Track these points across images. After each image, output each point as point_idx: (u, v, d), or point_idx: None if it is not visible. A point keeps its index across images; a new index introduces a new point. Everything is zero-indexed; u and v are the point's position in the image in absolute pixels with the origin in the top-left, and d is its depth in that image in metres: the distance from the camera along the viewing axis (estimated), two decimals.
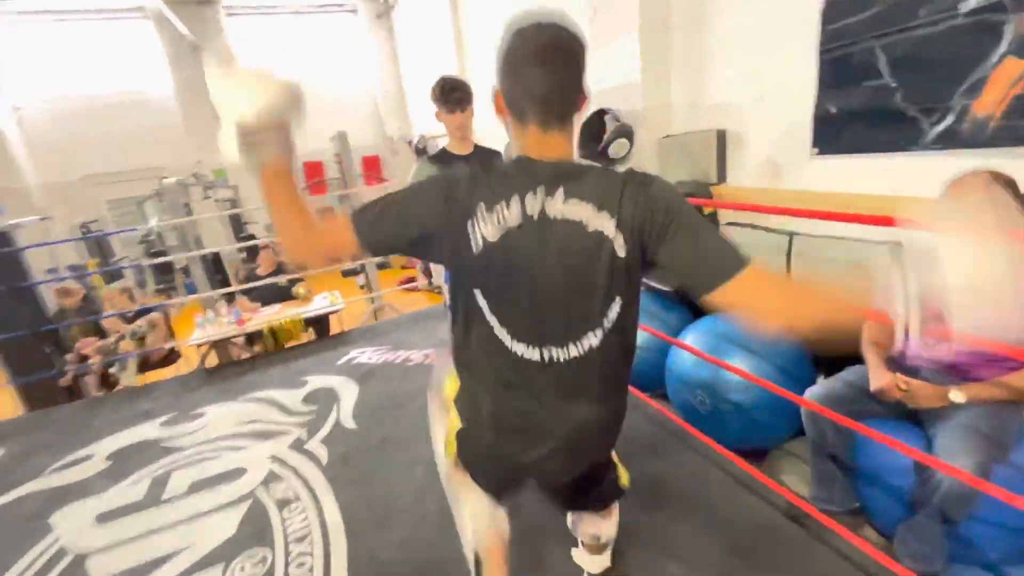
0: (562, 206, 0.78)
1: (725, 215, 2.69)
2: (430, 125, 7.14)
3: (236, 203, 7.06)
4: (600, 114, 3.02)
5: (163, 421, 2.87)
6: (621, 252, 0.78)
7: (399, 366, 3.19)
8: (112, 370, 3.63)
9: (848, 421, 1.38)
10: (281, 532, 1.89)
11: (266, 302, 4.06)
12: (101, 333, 3.68)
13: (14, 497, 2.35)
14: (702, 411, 2.09)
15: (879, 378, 1.53)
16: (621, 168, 0.84)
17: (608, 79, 3.01)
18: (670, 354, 2.36)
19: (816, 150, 2.12)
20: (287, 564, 1.74)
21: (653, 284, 2.70)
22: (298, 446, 2.45)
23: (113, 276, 5.40)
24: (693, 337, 2.22)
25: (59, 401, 3.55)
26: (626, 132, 2.90)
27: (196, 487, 2.24)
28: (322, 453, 2.37)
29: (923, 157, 1.77)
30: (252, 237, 6.33)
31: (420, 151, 7.71)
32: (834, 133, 2.05)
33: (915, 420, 1.54)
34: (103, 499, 2.24)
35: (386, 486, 2.08)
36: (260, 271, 4.16)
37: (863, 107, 1.91)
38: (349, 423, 2.61)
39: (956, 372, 1.48)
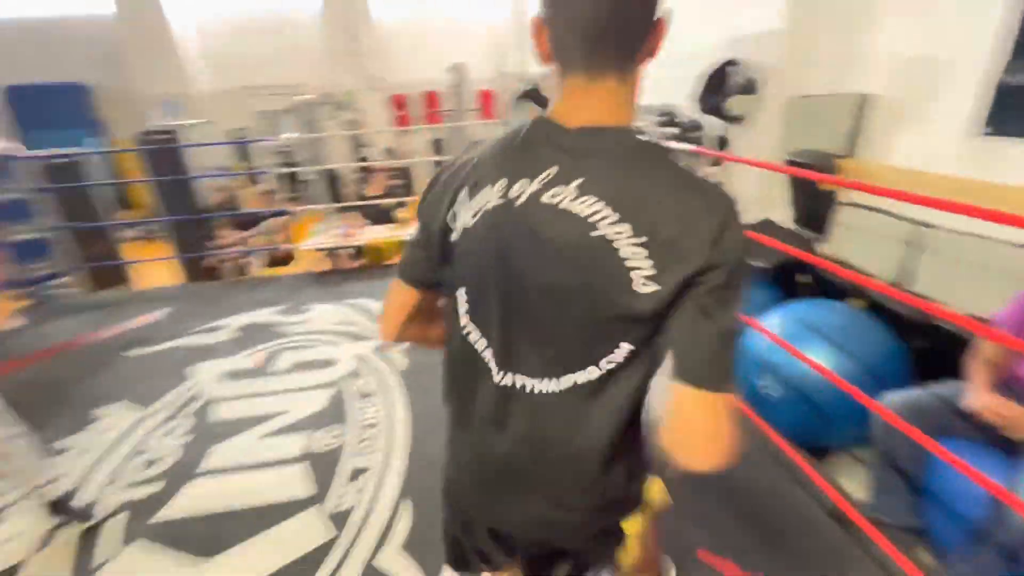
0: (572, 197, 0.56)
1: (849, 194, 2.38)
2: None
3: (357, 126, 7.56)
4: (725, 65, 2.75)
5: (278, 310, 3.36)
6: (642, 287, 0.54)
7: None
8: (245, 260, 4.27)
9: (924, 437, 1.27)
10: (355, 417, 2.21)
11: (374, 221, 4.43)
12: (241, 227, 4.30)
13: (168, 347, 2.95)
14: (768, 398, 2.00)
15: (978, 398, 1.36)
16: (694, 167, 0.59)
17: (743, 25, 2.70)
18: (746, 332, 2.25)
19: (989, 129, 1.78)
20: (358, 439, 2.05)
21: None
22: (382, 351, 2.76)
23: (253, 180, 6.21)
24: (775, 318, 2.08)
25: (205, 278, 4.29)
26: (749, 88, 2.63)
27: (296, 367, 2.65)
28: (401, 361, 2.66)
29: None
30: (366, 159, 6.82)
31: (525, 95, 7.56)
32: (1018, 111, 1.69)
33: (1004, 448, 1.36)
34: (229, 361, 2.75)
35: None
36: (370, 191, 4.52)
37: None
38: None
39: None
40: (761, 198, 2.76)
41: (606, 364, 0.60)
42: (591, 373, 0.61)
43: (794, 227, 2.63)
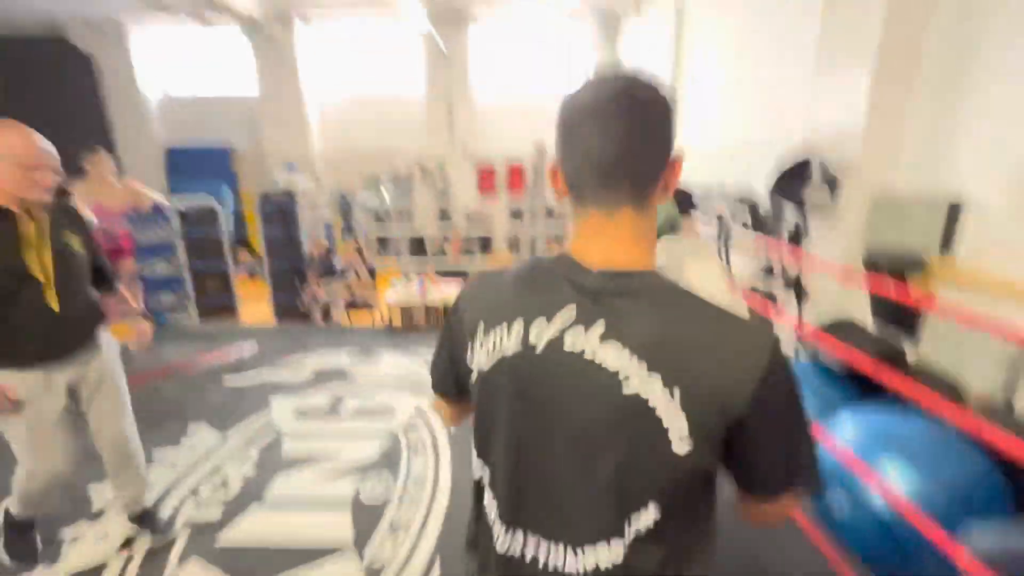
0: (595, 345, 0.53)
1: (942, 295, 2.21)
2: None
3: (446, 192, 8.24)
4: (805, 163, 2.75)
5: (352, 357, 3.62)
6: (677, 446, 0.51)
7: None
8: (329, 307, 4.68)
9: None
10: (405, 470, 2.29)
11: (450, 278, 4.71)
12: (330, 277, 4.77)
13: (255, 379, 3.27)
14: (836, 514, 1.82)
15: None
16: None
17: (824, 121, 2.71)
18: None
19: None
20: (402, 493, 2.11)
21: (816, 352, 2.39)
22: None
23: (350, 236, 6.93)
24: (848, 424, 1.92)
25: (295, 320, 4.74)
26: (831, 180, 2.59)
27: (359, 413, 2.82)
28: None
29: None
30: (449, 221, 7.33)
31: None
32: None
33: None
34: (302, 398, 2.98)
35: None
36: (449, 249, 4.84)
37: None
38: None
39: None
40: (842, 295, 2.62)
41: (631, 531, 0.54)
42: (615, 552, 0.55)
43: (878, 328, 2.46)
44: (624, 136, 0.54)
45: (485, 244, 9.27)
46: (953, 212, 2.11)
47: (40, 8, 7.77)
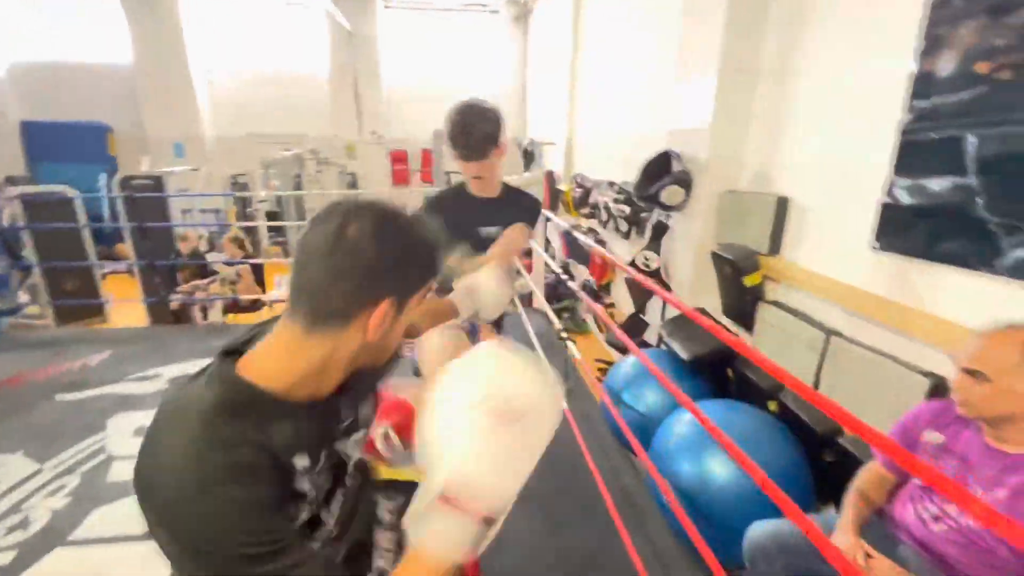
0: None
1: (773, 292, 2.36)
2: (545, 131, 7.23)
3: (355, 184, 7.88)
4: (667, 156, 2.83)
5: None
6: None
7: None
8: (207, 307, 4.32)
9: None
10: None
11: None
12: (203, 274, 4.38)
13: (96, 393, 2.94)
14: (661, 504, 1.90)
15: (841, 538, 1.27)
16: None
17: (683, 120, 2.79)
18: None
19: (877, 244, 1.77)
20: None
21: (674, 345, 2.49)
22: None
23: (248, 231, 6.44)
24: (685, 416, 2.02)
25: (168, 322, 4.33)
26: (684, 180, 2.68)
27: None
28: None
29: (994, 282, 1.39)
30: None
31: (527, 154, 7.85)
32: (899, 228, 1.69)
33: None
34: (148, 415, 2.71)
35: None
36: None
37: (936, 204, 1.55)
38: None
39: (944, 566, 1.18)
40: (694, 284, 2.75)
41: None
42: None
43: (724, 320, 2.60)
44: (317, 267, 0.58)
45: None
46: (781, 210, 2.25)
47: None
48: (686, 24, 2.75)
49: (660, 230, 2.97)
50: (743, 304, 2.42)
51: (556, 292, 5.19)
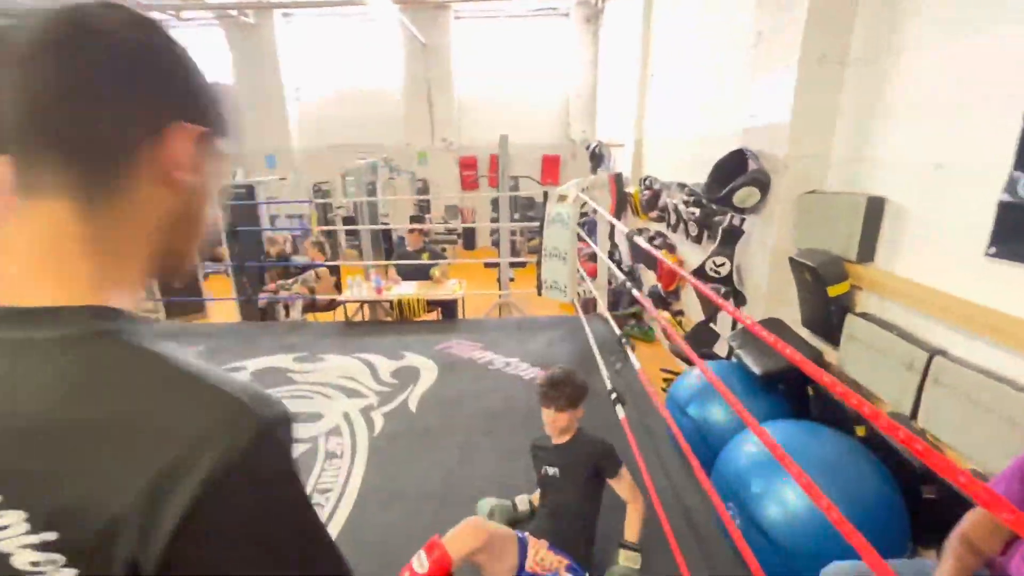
0: None
1: (863, 303, 2.12)
2: (614, 133, 7.08)
3: (425, 189, 8.18)
4: (741, 155, 2.65)
5: (297, 356, 3.60)
6: None
7: (479, 366, 3.38)
8: (288, 305, 4.66)
9: None
10: (315, 479, 2.26)
11: (407, 278, 4.66)
12: (285, 275, 4.74)
13: None
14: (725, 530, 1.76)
15: None
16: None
17: (759, 117, 2.60)
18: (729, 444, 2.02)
19: (993, 250, 1.52)
20: None
21: (744, 358, 2.32)
22: (366, 411, 2.83)
23: (327, 234, 6.91)
24: (753, 438, 1.86)
25: (255, 319, 4.73)
26: (759, 180, 2.49)
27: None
28: (379, 424, 2.71)
29: None
30: (422, 219, 7.27)
31: (595, 156, 7.74)
32: (1021, 231, 1.44)
33: None
34: None
35: (406, 476, 2.28)
36: (409, 248, 4.78)
37: None
38: (413, 405, 2.90)
39: None
40: (770, 292, 2.54)
41: None
42: None
43: (805, 332, 2.38)
44: (48, 83, 0.33)
45: (469, 238, 9.20)
46: (873, 211, 2.01)
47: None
48: (762, 13, 2.56)
49: (732, 234, 2.78)
50: (827, 315, 2.20)
51: (621, 298, 5.05)
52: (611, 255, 5.03)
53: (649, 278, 4.86)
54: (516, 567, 1.50)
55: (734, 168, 2.69)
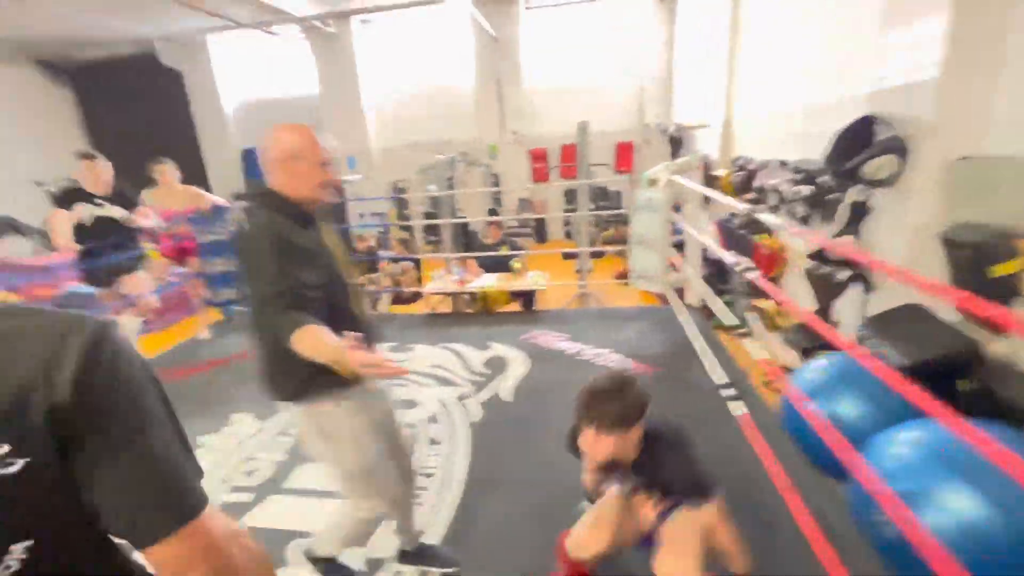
0: None
1: None
2: (696, 114, 6.72)
3: (497, 183, 8.21)
4: (867, 122, 2.37)
5: (389, 346, 3.71)
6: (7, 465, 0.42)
7: (568, 356, 3.30)
8: (374, 299, 4.85)
9: None
10: (418, 463, 2.30)
11: (488, 270, 4.68)
12: (371, 270, 4.92)
13: None
14: (877, 537, 1.56)
15: None
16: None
17: (892, 77, 2.30)
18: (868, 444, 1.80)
19: None
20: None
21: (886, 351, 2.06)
22: (462, 399, 2.86)
23: (404, 228, 7.17)
24: (902, 441, 1.65)
25: None
26: (899, 147, 2.20)
27: None
28: (476, 412, 2.72)
29: None
30: (496, 213, 7.29)
31: (674, 141, 7.38)
32: None
33: None
34: None
35: (509, 465, 2.27)
36: (488, 241, 4.80)
37: None
38: (506, 395, 2.88)
39: None
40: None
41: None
42: None
43: (956, 319, 2.07)
44: None
45: (540, 230, 9.15)
46: None
47: (129, 30, 8.61)
48: None
49: (859, 212, 2.50)
50: (988, 300, 1.90)
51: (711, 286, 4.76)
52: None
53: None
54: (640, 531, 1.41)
55: (856, 139, 2.41)
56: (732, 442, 2.26)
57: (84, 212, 3.11)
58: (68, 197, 3.13)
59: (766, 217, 2.22)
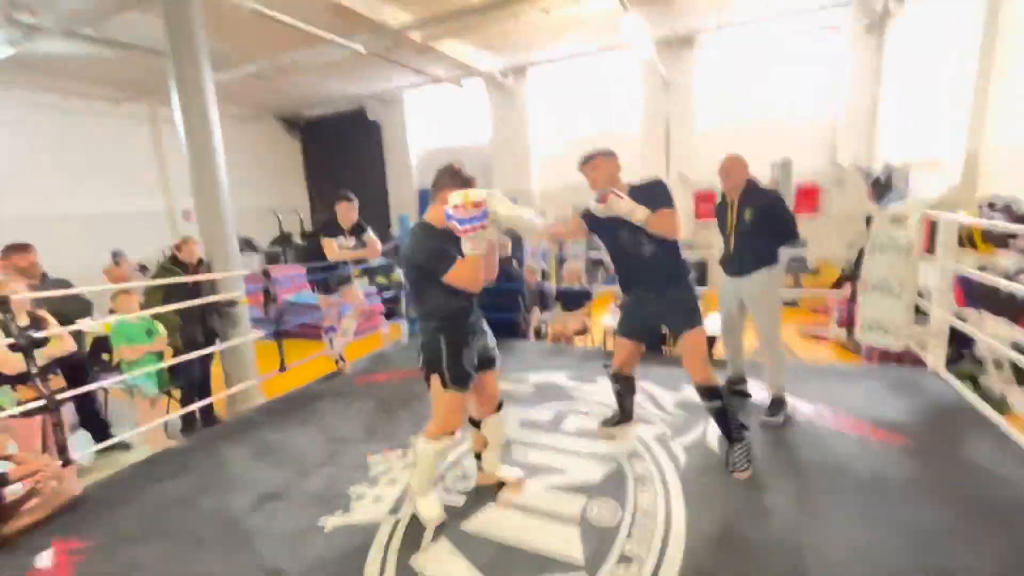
0: None
1: None
2: (903, 153, 5.87)
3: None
4: None
5: (569, 375, 3.67)
6: None
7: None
8: (544, 327, 4.90)
9: None
10: (632, 500, 2.15)
11: None
12: (543, 303, 5.00)
13: None
14: None
15: None
16: None
17: None
18: None
19: None
20: (631, 526, 1.97)
21: None
22: (662, 440, 2.66)
23: (562, 261, 7.28)
24: None
25: (514, 337, 5.10)
26: None
27: (581, 432, 2.80)
28: (681, 456, 2.49)
29: None
30: None
31: (879, 184, 6.47)
32: None
33: None
34: (527, 411, 3.12)
35: (731, 518, 2.00)
36: None
37: None
38: (713, 443, 2.61)
39: None
40: None
41: None
42: None
43: None
44: None
45: (701, 271, 8.62)
46: None
47: (348, 91, 10.40)
48: None
49: None
50: None
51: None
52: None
53: (994, 327, 3.65)
54: None
55: None
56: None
57: (345, 241, 3.86)
58: (329, 226, 3.86)
59: None
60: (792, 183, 7.54)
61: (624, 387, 2.72)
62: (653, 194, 2.29)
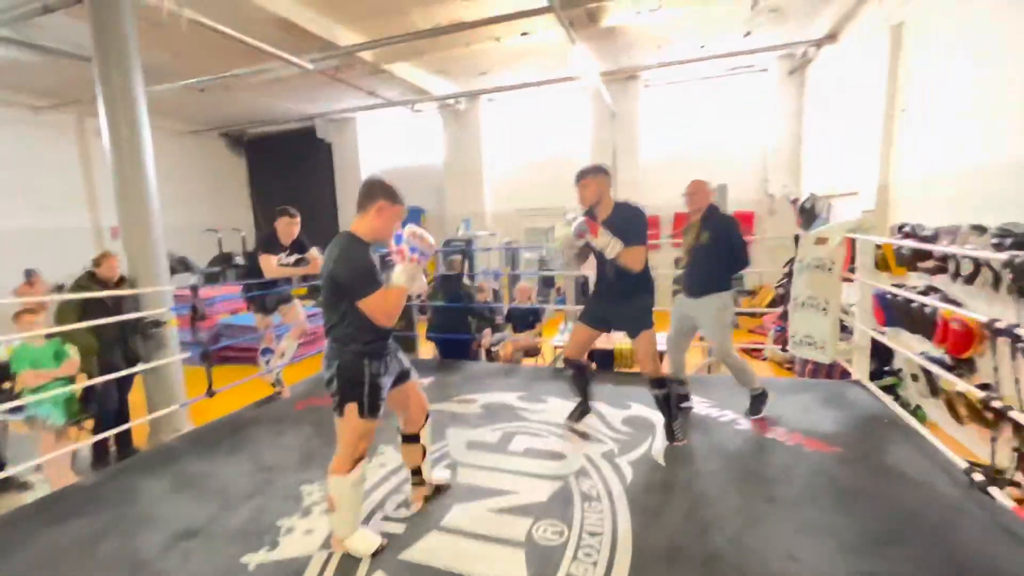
0: None
1: None
2: (826, 184, 6.35)
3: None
4: None
5: (519, 395, 3.62)
6: None
7: (723, 424, 2.98)
8: (495, 348, 4.85)
9: None
10: (579, 519, 2.10)
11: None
12: (491, 321, 4.97)
13: (435, 408, 3.45)
14: None
15: None
16: None
17: None
18: None
19: None
20: (577, 547, 1.92)
21: None
22: (609, 457, 2.64)
23: (515, 280, 7.33)
24: None
25: (465, 358, 5.00)
26: None
27: (529, 452, 2.75)
28: (627, 472, 2.49)
29: None
30: None
31: (806, 211, 6.97)
32: None
33: None
34: (474, 432, 3.03)
35: (677, 531, 2.00)
36: None
37: None
38: (660, 458, 2.62)
39: None
40: None
41: None
42: None
43: None
44: None
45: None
46: None
47: (297, 110, 10.19)
48: None
49: None
50: None
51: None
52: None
53: (907, 344, 3.95)
54: None
55: None
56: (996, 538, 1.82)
57: (285, 258, 3.67)
58: (269, 242, 3.65)
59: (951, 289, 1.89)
60: (729, 209, 7.99)
61: (577, 371, 3.02)
62: (628, 226, 2.58)
